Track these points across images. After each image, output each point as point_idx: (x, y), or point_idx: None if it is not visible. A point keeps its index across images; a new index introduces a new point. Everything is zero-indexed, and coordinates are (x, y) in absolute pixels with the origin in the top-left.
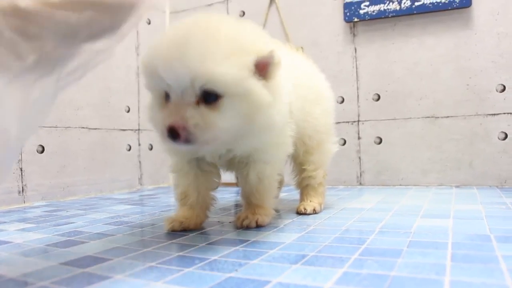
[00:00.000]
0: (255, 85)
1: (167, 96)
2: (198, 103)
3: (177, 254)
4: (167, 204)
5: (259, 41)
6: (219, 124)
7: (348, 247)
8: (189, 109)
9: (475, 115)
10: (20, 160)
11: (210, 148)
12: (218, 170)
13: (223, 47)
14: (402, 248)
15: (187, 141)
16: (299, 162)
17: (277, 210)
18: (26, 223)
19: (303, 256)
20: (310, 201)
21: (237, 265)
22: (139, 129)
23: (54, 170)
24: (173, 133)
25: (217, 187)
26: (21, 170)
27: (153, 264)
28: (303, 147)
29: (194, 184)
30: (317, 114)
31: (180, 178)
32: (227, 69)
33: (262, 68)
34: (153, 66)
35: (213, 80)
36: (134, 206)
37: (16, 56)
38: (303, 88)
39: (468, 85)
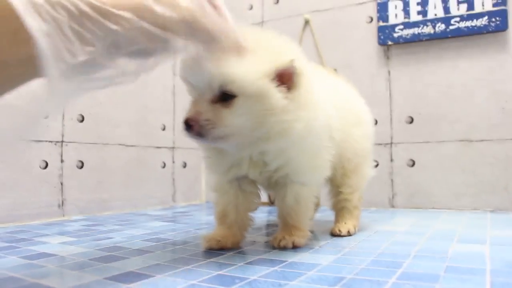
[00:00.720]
0: (269, 88)
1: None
2: (215, 102)
3: (217, 273)
4: (200, 222)
5: (282, 50)
6: (229, 121)
7: (385, 270)
8: (204, 105)
9: (510, 139)
10: (61, 175)
11: (224, 145)
12: (258, 191)
13: (246, 55)
14: (439, 273)
15: (199, 134)
16: (336, 185)
17: (311, 231)
18: (67, 236)
19: (341, 279)
20: (345, 223)
21: (277, 285)
22: (173, 147)
23: (92, 185)
24: (187, 126)
25: (256, 208)
26: (61, 185)
27: (195, 282)
28: (341, 170)
29: (234, 204)
30: (357, 136)
31: (220, 197)
32: (244, 71)
33: (286, 78)
34: (184, 72)
35: (229, 81)
36: (169, 223)
37: (71, 54)
38: (343, 111)
39: (503, 108)
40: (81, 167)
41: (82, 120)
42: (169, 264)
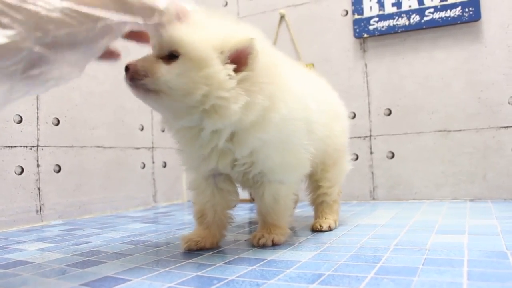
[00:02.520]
0: (212, 57)
1: None
2: (162, 58)
3: (195, 274)
4: (181, 222)
5: (241, 34)
6: (163, 75)
7: (364, 265)
8: (148, 58)
9: (487, 128)
10: (38, 180)
11: (156, 103)
12: (235, 188)
13: (206, 29)
14: (418, 266)
15: (131, 79)
16: (315, 179)
17: (291, 227)
18: (45, 242)
19: (320, 276)
20: (325, 218)
21: (255, 285)
22: (153, 147)
23: (70, 189)
24: (126, 71)
25: (235, 206)
26: (39, 190)
27: (172, 284)
28: (321, 165)
29: (211, 203)
30: (337, 131)
31: (198, 196)
32: (193, 37)
33: (240, 59)
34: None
35: (176, 41)
36: (150, 224)
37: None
38: (324, 105)
39: (479, 98)
40: (59, 171)
41: (57, 124)
42: (147, 267)
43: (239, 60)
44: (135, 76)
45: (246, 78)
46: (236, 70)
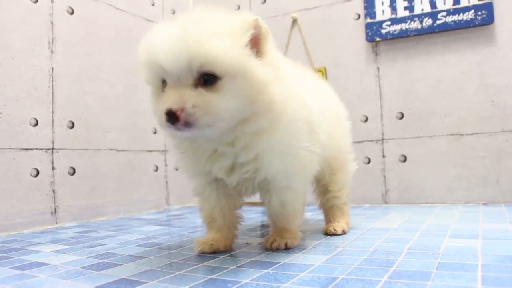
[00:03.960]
0: (255, 63)
1: (164, 84)
2: (196, 86)
3: (209, 277)
4: (194, 224)
5: (246, 17)
6: (220, 105)
7: (377, 269)
8: (187, 91)
9: (501, 131)
10: (53, 182)
11: (213, 132)
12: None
13: (218, 28)
14: (431, 271)
15: (187, 124)
16: (324, 183)
17: (303, 231)
18: (60, 244)
19: (333, 279)
20: (338, 222)
21: None
22: (165, 150)
23: (84, 191)
24: (172, 117)
25: (241, 206)
26: (54, 192)
27: (187, 287)
28: (328, 169)
29: (218, 207)
30: (340, 136)
31: (204, 202)
32: (225, 49)
33: (255, 43)
34: (150, 53)
35: (211, 61)
36: (163, 227)
37: None
38: (325, 105)
39: (493, 101)
40: (73, 173)
41: (72, 127)
42: (162, 269)
43: (254, 42)
44: (191, 120)
45: (269, 60)
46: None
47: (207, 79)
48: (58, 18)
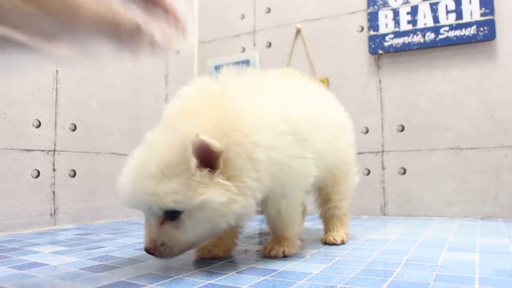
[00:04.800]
0: (207, 191)
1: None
2: (162, 222)
3: (208, 282)
4: None
5: (186, 139)
6: (182, 239)
7: (375, 279)
8: (156, 229)
9: (500, 147)
10: (53, 184)
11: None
12: None
13: (164, 168)
14: (429, 282)
15: (161, 257)
16: (326, 193)
17: (302, 239)
18: (59, 245)
19: None
20: (337, 232)
21: None
22: None
23: (84, 194)
24: (151, 253)
25: None
26: (54, 194)
27: None
28: (331, 179)
29: None
30: (343, 146)
31: None
32: (174, 191)
33: (203, 159)
34: (120, 196)
35: (166, 204)
36: None
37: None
38: (326, 123)
39: (493, 116)
40: (74, 176)
41: (74, 129)
42: (161, 273)
43: (202, 160)
44: (163, 255)
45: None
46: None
47: (171, 215)
48: None
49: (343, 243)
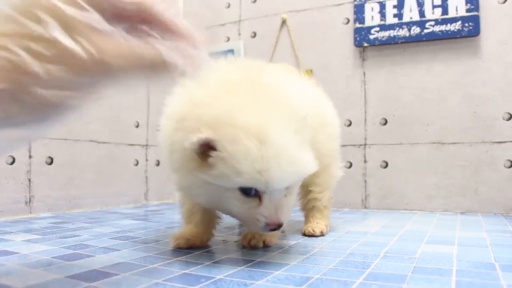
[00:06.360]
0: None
1: (248, 190)
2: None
3: (182, 271)
4: (171, 220)
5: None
6: (293, 205)
7: (353, 271)
8: (284, 204)
9: (481, 142)
10: (29, 171)
11: None
12: None
13: (298, 137)
14: (407, 274)
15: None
16: (305, 184)
17: (282, 231)
18: (32, 234)
19: (308, 279)
20: (317, 223)
21: (242, 285)
22: (147, 145)
23: (61, 182)
24: (277, 228)
25: None
26: (29, 181)
27: (159, 281)
28: None
29: None
30: (321, 139)
31: (186, 196)
32: (311, 160)
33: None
34: (259, 175)
35: (306, 174)
36: (140, 221)
37: None
38: (309, 118)
39: (475, 112)
40: (51, 163)
41: None
42: (135, 262)
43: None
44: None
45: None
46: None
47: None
48: None
49: (322, 234)
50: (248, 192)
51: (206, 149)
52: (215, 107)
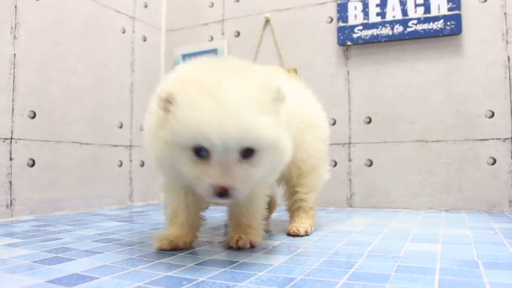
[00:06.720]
0: (284, 135)
1: (199, 151)
2: (239, 160)
3: (165, 274)
4: (156, 221)
5: (270, 80)
6: (256, 178)
7: (337, 270)
8: (235, 168)
9: (464, 140)
10: (10, 173)
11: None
12: None
13: (259, 104)
14: (390, 273)
15: (233, 197)
16: (292, 185)
17: (267, 231)
18: (13, 237)
19: (291, 279)
20: (302, 223)
21: (225, 287)
22: (131, 145)
23: (44, 184)
24: (223, 193)
25: (207, 207)
26: (10, 184)
27: (140, 284)
28: (297, 171)
29: (184, 203)
30: (309, 140)
31: (171, 197)
32: (269, 126)
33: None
34: (200, 126)
35: (257, 140)
36: (124, 223)
37: None
38: (295, 119)
39: (458, 110)
40: (32, 165)
41: (33, 117)
42: (117, 265)
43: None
44: (234, 194)
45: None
46: None
47: (247, 153)
48: (23, 2)
49: (306, 234)
50: (200, 153)
51: (168, 104)
52: (191, 75)
